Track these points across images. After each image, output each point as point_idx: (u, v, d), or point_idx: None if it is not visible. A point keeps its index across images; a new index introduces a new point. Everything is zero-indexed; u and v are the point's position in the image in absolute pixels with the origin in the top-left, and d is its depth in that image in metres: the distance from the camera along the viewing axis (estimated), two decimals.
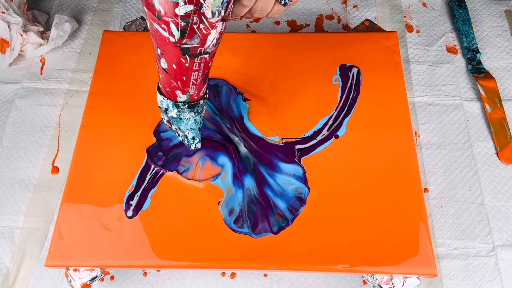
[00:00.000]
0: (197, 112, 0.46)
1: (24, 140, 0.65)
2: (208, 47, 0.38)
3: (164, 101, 0.44)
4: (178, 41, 0.36)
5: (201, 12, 0.34)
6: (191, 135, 0.48)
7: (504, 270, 0.55)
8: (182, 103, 0.44)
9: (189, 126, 0.47)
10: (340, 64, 0.60)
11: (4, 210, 0.60)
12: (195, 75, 0.40)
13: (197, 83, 0.42)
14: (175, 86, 0.42)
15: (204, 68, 0.40)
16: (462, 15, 0.74)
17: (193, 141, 0.49)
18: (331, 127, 0.56)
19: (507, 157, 0.62)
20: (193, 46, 0.37)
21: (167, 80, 0.41)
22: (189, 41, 0.36)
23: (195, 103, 0.45)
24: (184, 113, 0.45)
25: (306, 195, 0.51)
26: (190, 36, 0.35)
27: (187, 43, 0.36)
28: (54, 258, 0.48)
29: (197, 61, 0.39)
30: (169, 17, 0.34)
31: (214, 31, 0.36)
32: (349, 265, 0.47)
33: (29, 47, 0.71)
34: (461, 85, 0.68)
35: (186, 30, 0.35)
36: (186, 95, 0.43)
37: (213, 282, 0.55)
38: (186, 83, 0.41)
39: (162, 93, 0.45)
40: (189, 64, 0.39)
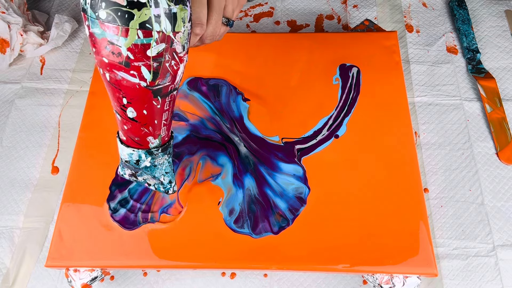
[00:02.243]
0: (169, 154, 0.43)
1: (24, 140, 0.65)
2: (177, 83, 0.37)
3: (134, 153, 0.41)
4: (150, 84, 0.34)
5: (173, 48, 0.33)
6: (167, 179, 0.45)
7: (504, 270, 0.55)
8: (156, 148, 0.41)
9: (164, 171, 0.44)
10: (340, 64, 0.60)
11: (4, 210, 0.60)
12: (166, 115, 0.39)
13: (167, 123, 0.40)
14: (146, 133, 0.39)
15: (173, 105, 0.39)
16: (462, 15, 0.74)
17: (170, 185, 0.45)
18: (331, 127, 0.56)
19: (507, 157, 0.62)
20: (165, 86, 0.35)
21: (136, 129, 0.39)
22: (161, 81, 0.35)
23: (167, 145, 0.42)
24: (158, 158, 0.42)
25: (306, 195, 0.51)
26: (162, 76, 0.34)
27: (159, 84, 0.35)
28: (54, 258, 0.48)
29: (167, 100, 0.37)
30: (140, 61, 0.32)
31: (182, 65, 0.36)
32: (349, 265, 0.47)
33: (29, 47, 0.71)
34: (461, 85, 0.68)
35: (159, 71, 0.34)
36: (158, 139, 0.40)
37: (213, 282, 0.55)
38: (157, 126, 0.39)
39: (129, 145, 0.41)
40: (161, 106, 0.37)
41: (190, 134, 0.55)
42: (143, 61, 0.32)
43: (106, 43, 0.32)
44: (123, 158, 0.42)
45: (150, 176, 0.44)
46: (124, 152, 0.41)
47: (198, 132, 0.56)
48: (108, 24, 0.31)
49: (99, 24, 0.31)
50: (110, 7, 0.30)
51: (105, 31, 0.31)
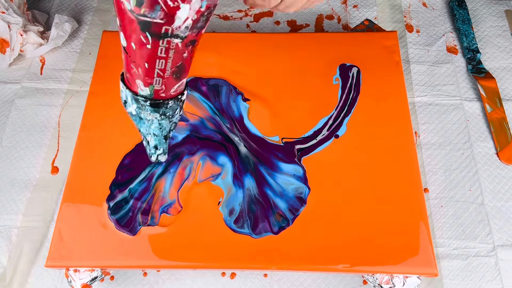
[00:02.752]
0: (163, 115, 0.35)
1: (24, 140, 0.65)
2: (179, 29, 0.28)
3: (122, 90, 0.34)
4: (134, 9, 0.27)
5: None
6: (153, 142, 0.37)
7: (504, 270, 0.55)
8: (143, 98, 0.33)
9: (152, 131, 0.36)
10: (340, 64, 0.60)
11: (3, 210, 0.60)
12: (161, 64, 0.30)
13: (165, 76, 0.32)
14: (135, 73, 0.32)
15: (176, 58, 0.31)
16: (462, 15, 0.74)
17: (155, 151, 0.38)
18: (331, 127, 0.56)
19: (507, 157, 0.62)
20: (155, 22, 0.27)
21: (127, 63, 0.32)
22: (149, 13, 0.27)
23: (161, 102, 0.34)
24: (145, 111, 0.34)
25: (306, 195, 0.51)
26: (149, 5, 0.26)
27: (146, 15, 0.27)
28: (54, 258, 0.48)
29: (162, 45, 0.29)
30: None
31: (187, 7, 0.27)
32: (349, 265, 0.47)
33: (29, 47, 0.71)
34: (461, 85, 0.68)
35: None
36: (150, 88, 0.32)
37: (213, 282, 0.55)
38: (148, 72, 0.31)
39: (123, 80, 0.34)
40: (152, 47, 0.29)
41: (190, 134, 0.55)
42: None
43: None
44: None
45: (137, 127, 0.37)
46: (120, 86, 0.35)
47: (198, 132, 0.56)
48: None
49: None
50: None
51: None
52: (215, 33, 0.66)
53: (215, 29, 0.76)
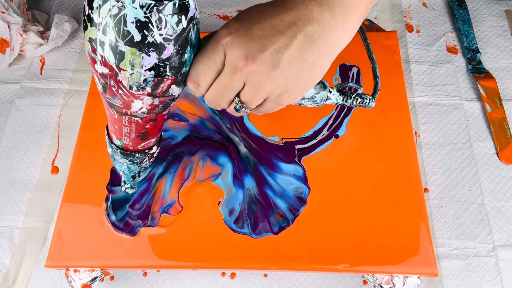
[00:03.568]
0: (132, 162, 0.40)
1: (24, 140, 0.65)
2: (136, 112, 0.33)
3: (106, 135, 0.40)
4: (101, 93, 0.32)
5: (118, 79, 0.30)
6: (123, 178, 0.43)
7: (504, 270, 0.55)
8: (116, 146, 0.39)
9: (122, 170, 0.42)
10: (340, 64, 0.60)
11: (4, 210, 0.60)
12: (127, 129, 0.35)
13: (131, 137, 0.37)
14: (111, 129, 0.37)
15: (138, 128, 0.35)
16: (462, 15, 0.74)
17: (123, 184, 0.44)
18: (331, 127, 0.56)
19: (507, 157, 0.62)
20: (116, 105, 0.32)
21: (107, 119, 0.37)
22: (111, 99, 0.32)
23: (129, 153, 0.39)
24: (117, 155, 0.40)
25: (306, 195, 0.51)
26: (111, 95, 0.31)
27: (110, 99, 0.32)
28: (54, 258, 0.48)
29: (125, 119, 0.34)
30: (92, 67, 0.30)
31: (140, 102, 0.31)
32: (349, 265, 0.47)
33: (29, 47, 0.71)
34: (461, 85, 0.68)
35: (106, 88, 0.31)
36: (120, 142, 0.38)
37: (213, 282, 0.55)
38: (118, 132, 0.36)
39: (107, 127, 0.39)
40: (118, 118, 0.34)
41: (190, 134, 0.55)
42: (94, 68, 0.30)
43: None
44: None
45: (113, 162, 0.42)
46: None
47: (198, 132, 0.56)
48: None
49: None
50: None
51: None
52: None
53: (215, 29, 0.75)
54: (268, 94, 0.32)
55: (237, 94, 0.33)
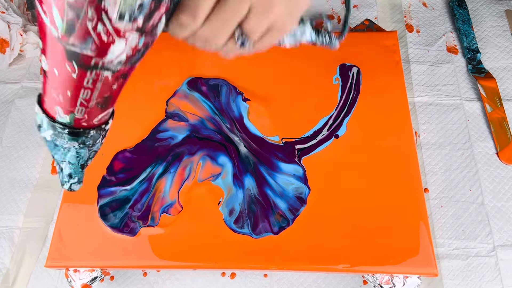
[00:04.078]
0: (83, 144, 0.32)
1: (24, 140, 0.65)
2: (110, 63, 0.25)
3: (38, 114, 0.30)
4: (61, 37, 0.24)
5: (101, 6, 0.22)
6: (68, 170, 0.34)
7: (504, 270, 0.55)
8: (61, 125, 0.30)
9: (67, 159, 0.33)
10: (340, 64, 0.60)
11: (4, 210, 0.60)
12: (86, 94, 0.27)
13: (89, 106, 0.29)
14: (55, 99, 0.28)
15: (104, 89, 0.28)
16: (462, 15, 0.74)
17: (68, 179, 0.35)
18: (331, 127, 0.56)
19: (507, 157, 0.62)
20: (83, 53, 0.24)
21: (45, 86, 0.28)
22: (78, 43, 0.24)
23: (81, 131, 0.31)
24: (61, 139, 0.31)
25: (306, 195, 0.51)
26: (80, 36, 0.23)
27: (75, 45, 0.24)
28: (54, 258, 0.48)
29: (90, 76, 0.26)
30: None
31: (123, 43, 0.24)
32: (349, 265, 0.47)
33: (29, 47, 0.71)
34: (461, 85, 0.68)
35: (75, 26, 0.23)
36: (70, 116, 0.29)
37: (213, 282, 0.55)
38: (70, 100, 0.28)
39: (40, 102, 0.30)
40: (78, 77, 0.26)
41: (190, 134, 0.55)
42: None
43: None
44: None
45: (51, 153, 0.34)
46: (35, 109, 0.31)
47: (198, 132, 0.56)
48: None
49: None
50: None
51: None
52: None
53: None
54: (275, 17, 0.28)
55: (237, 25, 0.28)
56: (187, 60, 0.61)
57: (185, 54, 0.61)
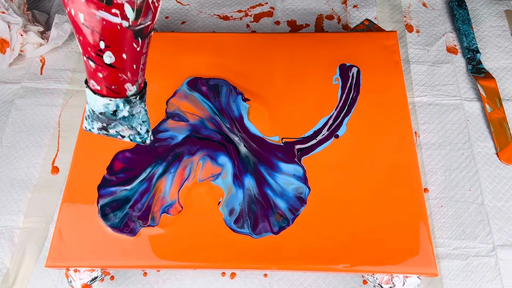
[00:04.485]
0: (143, 102, 0.41)
1: (24, 140, 0.65)
2: (155, 22, 0.35)
3: (111, 103, 0.38)
4: (132, 23, 0.32)
5: None
6: (145, 128, 0.42)
7: (504, 270, 0.55)
8: (134, 96, 0.38)
9: (141, 120, 0.41)
10: (340, 64, 0.60)
11: (4, 210, 0.60)
12: (143, 58, 0.37)
13: (144, 67, 0.38)
14: (124, 80, 0.36)
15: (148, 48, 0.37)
16: (462, 15, 0.74)
17: (147, 134, 0.43)
18: (331, 127, 0.56)
19: (507, 157, 0.62)
20: (146, 25, 0.34)
21: (114, 76, 0.36)
22: (143, 20, 0.33)
23: (144, 91, 0.40)
24: (135, 106, 0.39)
25: (306, 195, 0.51)
26: (145, 14, 0.33)
27: (141, 23, 0.33)
28: (54, 258, 0.48)
29: (146, 42, 0.36)
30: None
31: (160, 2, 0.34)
32: (349, 264, 0.47)
33: (29, 47, 0.71)
34: (461, 85, 0.68)
35: (142, 8, 0.32)
36: (136, 85, 0.38)
37: (213, 282, 0.55)
38: (135, 71, 0.37)
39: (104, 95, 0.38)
40: (140, 48, 0.35)
41: (190, 134, 0.55)
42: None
43: None
44: (97, 110, 0.39)
45: (126, 126, 0.41)
46: (99, 103, 0.38)
47: (198, 132, 0.56)
48: None
49: None
50: None
51: None
52: (215, 33, 0.66)
53: (215, 29, 0.76)
54: None
55: None
56: (187, 60, 0.61)
57: (185, 54, 0.61)
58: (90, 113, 0.40)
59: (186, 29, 0.76)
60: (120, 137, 0.43)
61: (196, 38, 0.63)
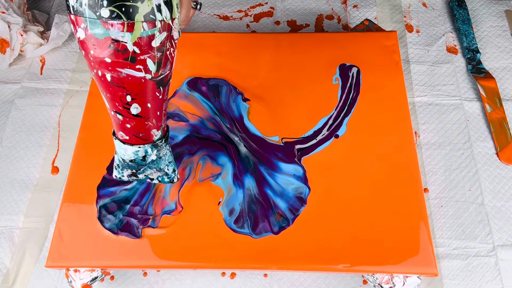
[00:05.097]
0: (167, 143, 0.44)
1: (24, 140, 0.65)
2: (172, 70, 0.38)
3: (140, 150, 0.41)
4: (154, 75, 0.36)
5: (171, 35, 0.35)
6: (171, 168, 0.45)
7: (504, 270, 0.55)
8: (159, 140, 0.42)
9: (167, 161, 0.44)
10: (340, 64, 0.60)
11: (4, 210, 0.60)
12: (165, 105, 0.40)
13: (166, 113, 0.42)
14: (150, 127, 0.40)
15: (168, 95, 0.41)
16: (462, 15, 0.74)
17: (174, 173, 0.46)
18: (331, 127, 0.56)
19: (507, 157, 0.62)
20: (165, 75, 0.37)
21: (141, 125, 0.39)
22: (163, 71, 0.36)
23: (167, 134, 0.43)
24: (162, 149, 0.43)
25: (306, 195, 0.51)
26: (164, 64, 0.36)
27: (162, 74, 0.36)
28: (54, 258, 0.48)
29: (166, 89, 0.39)
30: (146, 53, 0.34)
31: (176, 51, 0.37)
32: (349, 264, 0.47)
33: (29, 47, 0.71)
34: (461, 85, 0.68)
35: (162, 60, 0.35)
36: (161, 130, 0.41)
37: (213, 282, 0.55)
38: (160, 117, 0.40)
39: (133, 144, 0.41)
40: (162, 96, 0.38)
41: (190, 134, 0.55)
42: (148, 53, 0.33)
43: (109, 42, 0.32)
44: (127, 158, 0.42)
45: (154, 169, 0.44)
46: (129, 152, 0.41)
47: (198, 132, 0.56)
48: (112, 21, 0.31)
49: (101, 24, 0.31)
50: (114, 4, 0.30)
51: (109, 30, 0.31)
52: (215, 33, 0.66)
53: (215, 29, 0.76)
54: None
55: None
56: (187, 60, 0.61)
57: (185, 54, 0.61)
58: (120, 162, 0.43)
59: (186, 29, 0.76)
60: (150, 180, 0.46)
61: (196, 38, 0.63)
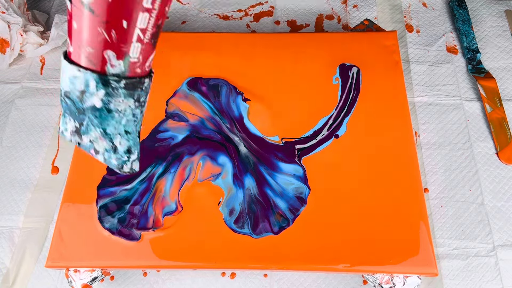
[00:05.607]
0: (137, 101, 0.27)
1: (24, 140, 0.65)
2: None
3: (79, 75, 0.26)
4: None
5: None
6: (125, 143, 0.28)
7: (504, 270, 0.55)
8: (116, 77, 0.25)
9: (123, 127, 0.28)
10: (340, 64, 0.60)
11: (4, 210, 0.60)
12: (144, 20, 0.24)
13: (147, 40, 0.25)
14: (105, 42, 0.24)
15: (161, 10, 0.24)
16: (462, 15, 0.74)
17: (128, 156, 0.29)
18: (331, 127, 0.56)
19: (507, 157, 0.62)
20: None
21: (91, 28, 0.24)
22: None
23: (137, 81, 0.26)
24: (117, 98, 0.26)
25: (306, 195, 0.51)
26: None
27: None
28: (54, 258, 0.48)
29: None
30: None
31: None
32: (349, 264, 0.47)
33: (29, 47, 0.71)
34: (461, 85, 0.68)
35: None
36: (124, 61, 0.25)
37: (213, 282, 0.55)
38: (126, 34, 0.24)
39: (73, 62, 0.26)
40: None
41: (190, 134, 0.55)
42: None
43: None
44: (63, 86, 0.27)
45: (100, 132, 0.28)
46: (66, 74, 0.27)
47: (198, 132, 0.56)
48: None
49: None
50: None
51: None
52: (215, 33, 0.66)
53: (215, 29, 0.75)
54: None
55: None
56: (187, 60, 0.61)
57: (185, 54, 0.61)
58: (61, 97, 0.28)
59: (186, 29, 0.76)
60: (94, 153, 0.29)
61: (196, 38, 0.63)
